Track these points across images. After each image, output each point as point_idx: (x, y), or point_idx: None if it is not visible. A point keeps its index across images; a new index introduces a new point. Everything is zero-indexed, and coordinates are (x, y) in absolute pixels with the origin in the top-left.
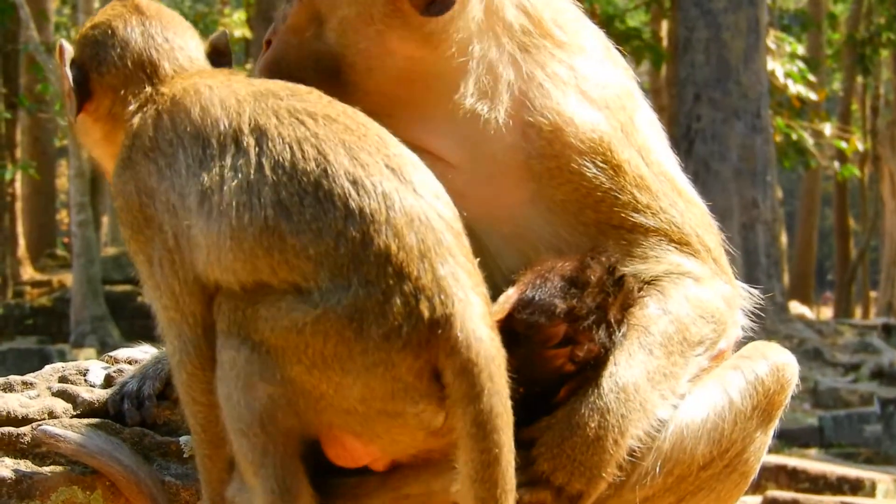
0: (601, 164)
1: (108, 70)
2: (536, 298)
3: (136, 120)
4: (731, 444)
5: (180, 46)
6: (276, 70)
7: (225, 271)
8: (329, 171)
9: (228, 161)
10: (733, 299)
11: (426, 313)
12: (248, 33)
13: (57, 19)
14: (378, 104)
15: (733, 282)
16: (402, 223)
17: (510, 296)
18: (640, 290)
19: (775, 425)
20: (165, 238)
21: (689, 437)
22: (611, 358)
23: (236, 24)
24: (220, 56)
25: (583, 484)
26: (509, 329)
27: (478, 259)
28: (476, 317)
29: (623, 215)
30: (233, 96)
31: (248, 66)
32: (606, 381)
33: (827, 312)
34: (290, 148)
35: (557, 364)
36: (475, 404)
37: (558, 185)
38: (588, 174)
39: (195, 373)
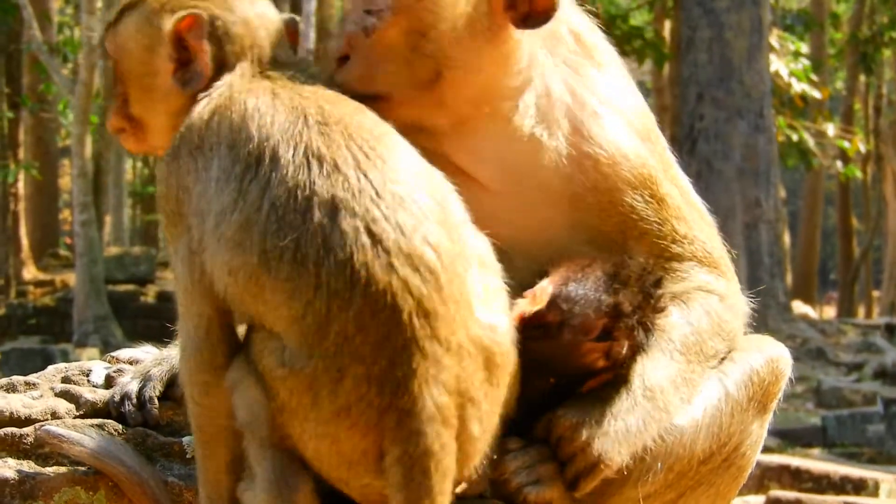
0: (648, 198)
1: (221, 45)
2: (580, 291)
3: (197, 109)
4: (728, 437)
5: (279, 47)
6: (367, 84)
7: (228, 296)
8: (309, 234)
9: (244, 186)
10: (745, 316)
11: (376, 401)
12: None
13: (60, 19)
14: (445, 120)
15: (742, 295)
16: (363, 307)
17: (544, 288)
18: (669, 299)
19: (770, 418)
20: (191, 238)
21: (689, 431)
22: (637, 358)
23: None
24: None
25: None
26: (540, 321)
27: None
28: (424, 411)
29: (663, 246)
30: (270, 113)
31: None
32: (637, 380)
33: (830, 312)
34: (289, 192)
35: (591, 359)
36: (405, 493)
37: (606, 218)
38: (638, 207)
39: (194, 372)
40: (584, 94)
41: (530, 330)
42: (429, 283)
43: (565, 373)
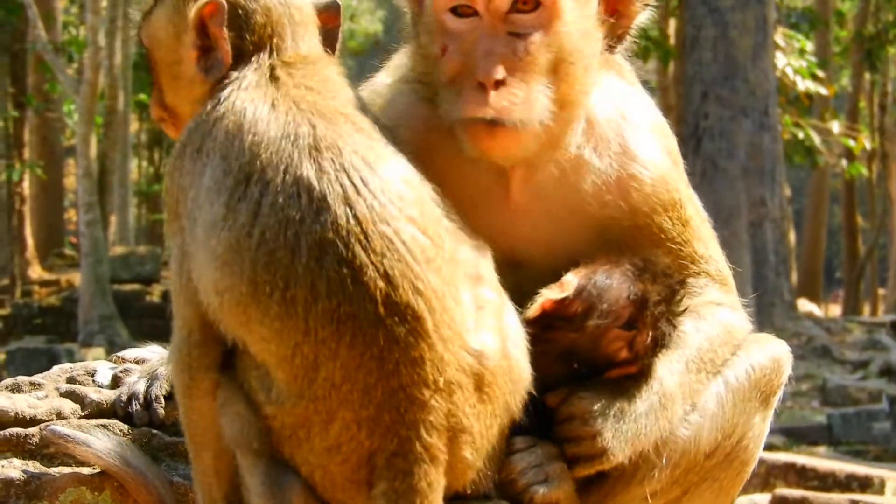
0: (675, 220)
1: (241, 33)
2: (607, 281)
3: (206, 108)
4: (732, 428)
5: (301, 34)
6: (524, 110)
7: (212, 312)
8: (298, 275)
9: (233, 202)
10: (748, 328)
11: (366, 443)
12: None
13: (64, 18)
14: (535, 152)
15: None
16: (351, 359)
17: (569, 280)
18: (687, 311)
19: (772, 413)
20: (183, 239)
21: (695, 425)
22: (657, 361)
23: None
24: (326, 33)
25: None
26: (565, 312)
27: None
28: (412, 453)
29: (683, 265)
30: (263, 127)
31: None
32: (655, 384)
33: (835, 310)
34: (278, 225)
35: (615, 348)
36: None
37: (637, 240)
38: (666, 228)
39: (176, 372)
40: (629, 114)
41: (554, 320)
42: (416, 332)
43: (587, 363)
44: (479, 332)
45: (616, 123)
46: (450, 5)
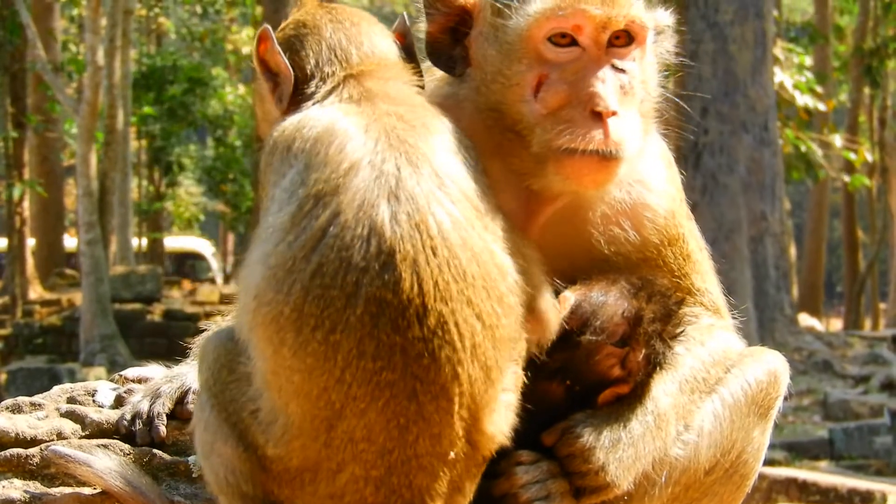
0: (678, 254)
1: (306, 62)
2: (602, 298)
3: (296, 115)
4: (731, 443)
5: (369, 44)
6: (633, 144)
7: (241, 310)
8: (349, 320)
9: (300, 218)
10: (741, 347)
11: (370, 499)
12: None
13: (64, 38)
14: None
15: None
16: (377, 423)
17: (565, 296)
18: (683, 335)
19: (771, 426)
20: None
21: (693, 442)
22: (651, 383)
23: (244, 42)
24: (404, 47)
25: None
26: (561, 330)
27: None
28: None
29: (682, 296)
30: (354, 140)
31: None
32: (650, 405)
33: (836, 324)
34: (340, 263)
35: (607, 365)
36: None
37: (641, 270)
38: (669, 262)
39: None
40: (644, 145)
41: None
42: (444, 411)
43: (580, 380)
44: (497, 416)
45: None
46: (550, 34)
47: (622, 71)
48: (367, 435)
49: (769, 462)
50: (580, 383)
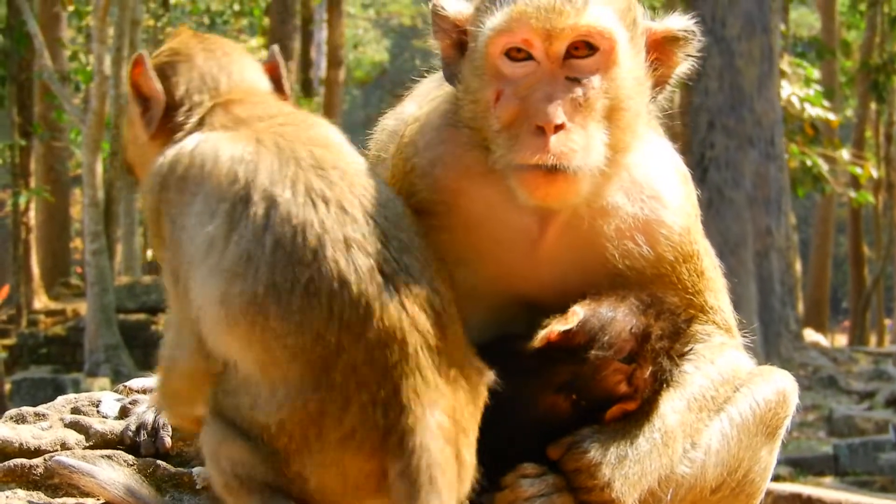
0: (692, 271)
1: (177, 88)
2: (611, 314)
3: (178, 147)
4: (738, 462)
5: (238, 74)
6: (583, 156)
7: (208, 329)
8: (323, 269)
9: (235, 224)
10: (750, 366)
11: (381, 422)
12: (264, 57)
13: (71, 48)
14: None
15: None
16: (375, 338)
17: (575, 311)
18: (692, 353)
19: (779, 446)
20: (174, 264)
21: (700, 460)
22: (658, 400)
23: (252, 51)
24: (273, 80)
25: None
26: (569, 343)
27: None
28: (427, 429)
29: (694, 313)
30: (255, 158)
31: None
32: (657, 422)
33: (841, 340)
34: (295, 230)
35: (614, 381)
36: (413, 502)
37: (654, 287)
38: (684, 278)
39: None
40: (659, 162)
41: (557, 351)
42: (434, 322)
43: (587, 395)
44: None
45: (648, 170)
46: (504, 49)
47: (578, 82)
48: (369, 355)
49: (773, 478)
50: (586, 398)
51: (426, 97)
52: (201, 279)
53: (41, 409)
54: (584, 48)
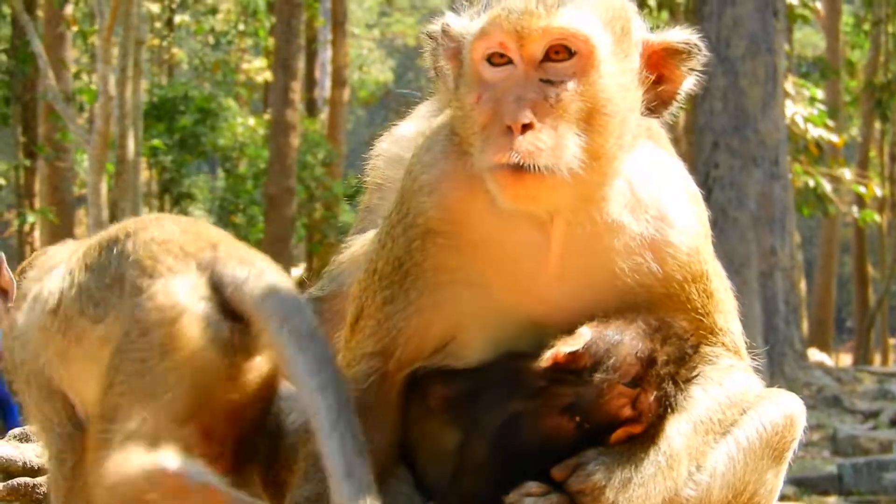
0: (702, 291)
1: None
2: (617, 337)
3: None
4: (744, 485)
5: None
6: (551, 156)
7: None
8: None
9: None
10: (758, 389)
11: None
12: (269, 77)
13: (75, 68)
14: (573, 202)
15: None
16: None
17: (581, 333)
18: (700, 375)
19: (785, 468)
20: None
21: (706, 482)
22: (664, 422)
23: (257, 71)
24: None
25: None
26: (574, 365)
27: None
28: None
29: (703, 334)
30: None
31: (266, 115)
32: (663, 445)
33: (846, 359)
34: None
35: (618, 405)
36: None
37: (665, 306)
38: (693, 299)
39: None
40: (667, 182)
41: (562, 372)
42: None
43: (591, 417)
44: None
45: (655, 190)
46: (485, 55)
47: (552, 84)
48: None
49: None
50: (590, 420)
51: (424, 117)
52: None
53: None
54: (563, 52)
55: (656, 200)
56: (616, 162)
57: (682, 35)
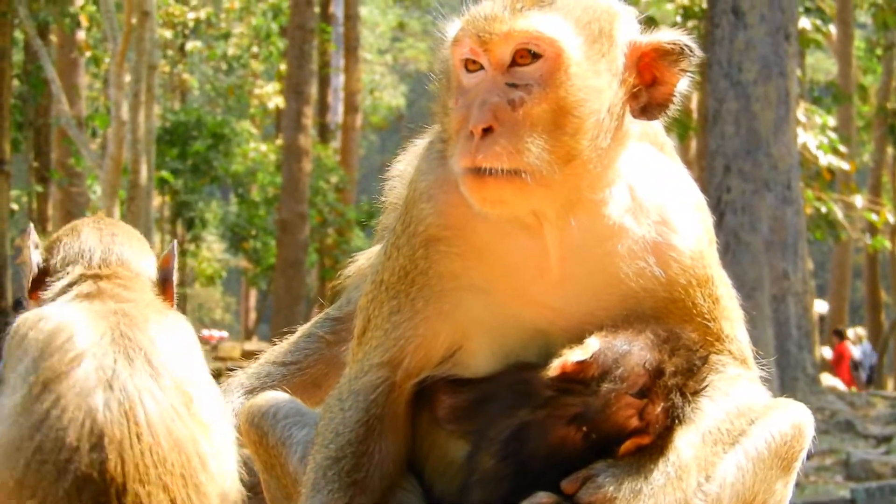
0: (707, 297)
1: (53, 258)
2: (625, 347)
3: (29, 316)
4: (753, 496)
5: (113, 254)
6: (511, 158)
7: None
8: (54, 490)
9: (26, 406)
10: (765, 399)
11: None
12: (281, 104)
13: (88, 94)
14: (557, 206)
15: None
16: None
17: (590, 343)
18: (708, 385)
19: (794, 478)
20: None
21: (714, 493)
22: (673, 433)
23: (269, 96)
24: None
25: None
26: (582, 375)
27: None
28: None
29: (709, 341)
30: (75, 337)
31: (279, 140)
32: (671, 455)
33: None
34: (56, 439)
35: (625, 415)
36: None
37: (670, 312)
38: (699, 304)
39: None
40: (670, 187)
41: (570, 382)
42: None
43: (598, 428)
44: None
45: (657, 195)
46: (460, 61)
47: (517, 87)
48: None
49: None
50: (598, 431)
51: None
52: None
53: None
54: (528, 56)
55: (658, 204)
56: (598, 165)
57: (671, 36)
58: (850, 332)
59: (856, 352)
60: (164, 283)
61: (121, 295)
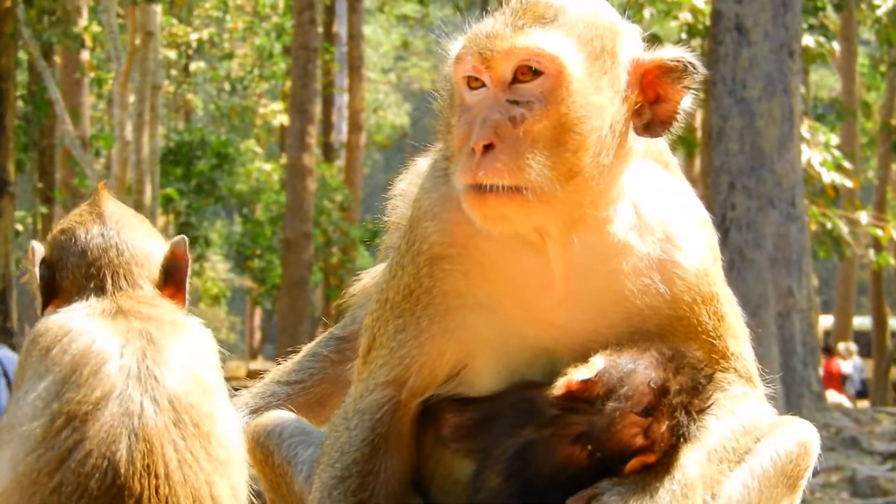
0: (712, 314)
1: (66, 276)
2: (630, 366)
3: (51, 324)
4: None
5: (132, 259)
6: (512, 175)
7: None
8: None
9: (47, 438)
10: (771, 417)
11: None
12: (286, 122)
13: (92, 114)
14: (561, 223)
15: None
16: None
17: (595, 362)
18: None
19: (800, 496)
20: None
21: None
22: (679, 451)
23: (273, 114)
24: (173, 263)
25: None
26: (587, 394)
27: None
28: None
29: (715, 359)
30: (102, 368)
31: (283, 159)
32: (677, 474)
33: (864, 401)
34: (77, 483)
35: (630, 434)
36: None
37: (675, 329)
38: (703, 322)
39: None
40: (675, 205)
41: (575, 401)
42: None
43: (603, 446)
44: None
45: (662, 212)
46: (463, 78)
47: (521, 104)
48: None
49: None
50: (603, 449)
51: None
52: (3, 458)
53: None
54: (529, 72)
55: (662, 222)
56: (601, 182)
57: (674, 52)
58: (842, 347)
59: (845, 366)
60: (174, 278)
61: (142, 313)
